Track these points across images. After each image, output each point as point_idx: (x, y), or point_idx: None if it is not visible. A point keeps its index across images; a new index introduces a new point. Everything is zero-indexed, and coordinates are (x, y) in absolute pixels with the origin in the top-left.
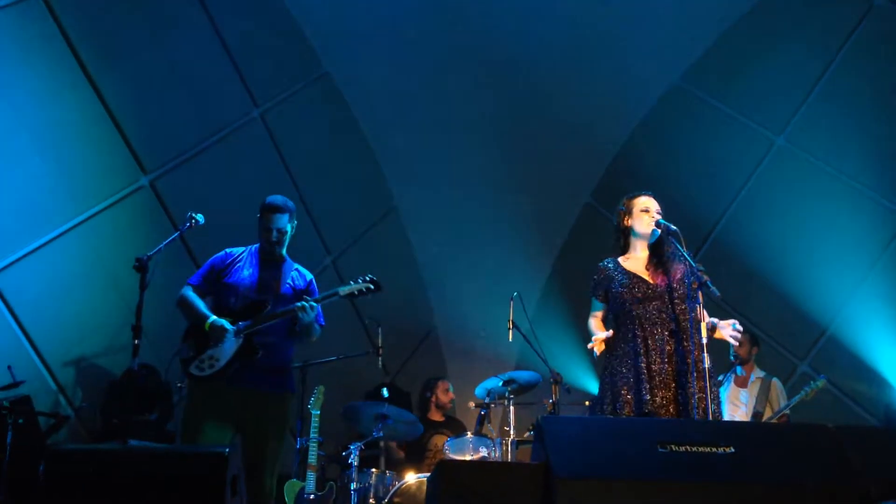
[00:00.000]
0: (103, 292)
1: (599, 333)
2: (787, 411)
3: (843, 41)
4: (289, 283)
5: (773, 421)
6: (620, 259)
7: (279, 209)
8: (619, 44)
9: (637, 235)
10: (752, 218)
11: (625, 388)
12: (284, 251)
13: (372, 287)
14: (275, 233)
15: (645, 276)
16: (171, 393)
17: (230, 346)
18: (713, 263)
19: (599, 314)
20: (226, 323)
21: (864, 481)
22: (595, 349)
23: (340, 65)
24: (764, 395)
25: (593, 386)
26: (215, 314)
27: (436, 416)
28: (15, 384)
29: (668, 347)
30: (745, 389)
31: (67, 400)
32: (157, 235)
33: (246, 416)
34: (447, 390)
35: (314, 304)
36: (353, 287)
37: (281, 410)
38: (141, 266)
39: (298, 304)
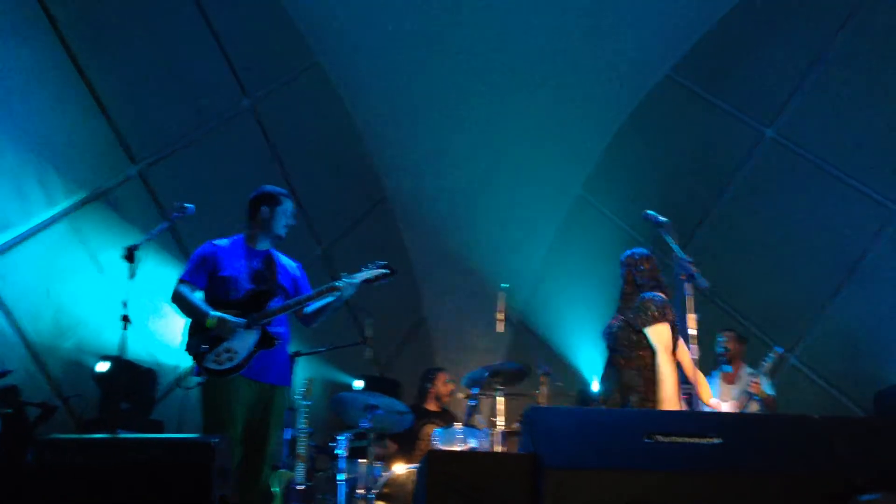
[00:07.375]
0: (92, 282)
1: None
2: (771, 393)
3: (834, 34)
4: (285, 272)
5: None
6: None
7: (290, 196)
8: (609, 35)
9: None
10: (742, 210)
11: None
12: None
13: (387, 271)
14: (293, 219)
15: None
16: (155, 383)
17: (249, 338)
18: (702, 255)
19: None
20: (229, 316)
21: (850, 471)
22: None
23: (331, 55)
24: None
25: (581, 378)
26: (213, 307)
27: (432, 406)
28: (2, 374)
29: None
30: (733, 386)
31: (55, 390)
32: (145, 225)
33: (254, 409)
34: (446, 382)
35: (356, 281)
36: (367, 273)
37: (283, 404)
38: (129, 255)
39: (340, 282)
